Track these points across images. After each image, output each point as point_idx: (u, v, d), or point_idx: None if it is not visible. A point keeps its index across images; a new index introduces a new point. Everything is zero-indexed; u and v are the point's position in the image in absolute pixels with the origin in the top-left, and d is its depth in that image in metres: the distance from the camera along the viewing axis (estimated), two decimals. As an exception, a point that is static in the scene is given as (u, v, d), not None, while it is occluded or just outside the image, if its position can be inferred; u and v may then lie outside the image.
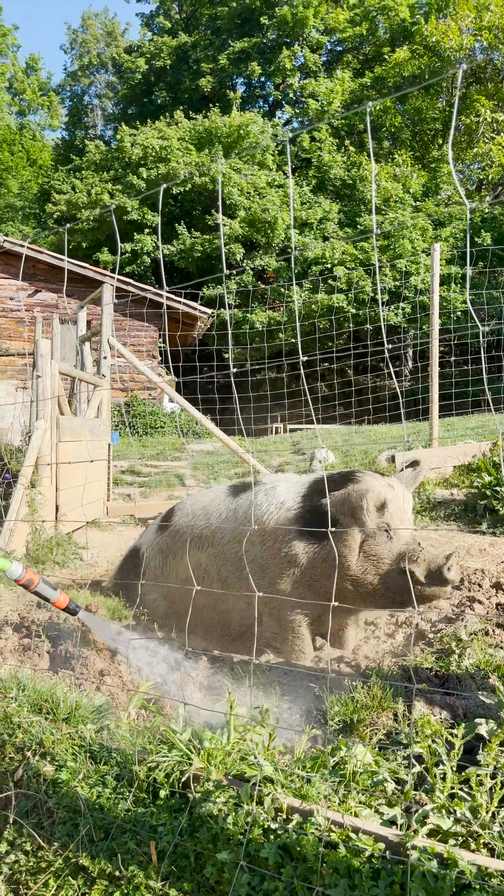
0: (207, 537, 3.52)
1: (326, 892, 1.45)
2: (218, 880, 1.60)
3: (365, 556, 3.05)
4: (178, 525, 3.75)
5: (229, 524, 3.48)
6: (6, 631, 3.66)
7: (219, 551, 3.44)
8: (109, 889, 1.71)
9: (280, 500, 3.35)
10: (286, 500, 3.34)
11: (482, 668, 2.75)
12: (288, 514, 3.28)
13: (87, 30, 43.17)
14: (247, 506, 3.45)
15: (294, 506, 3.28)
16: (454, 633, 3.26)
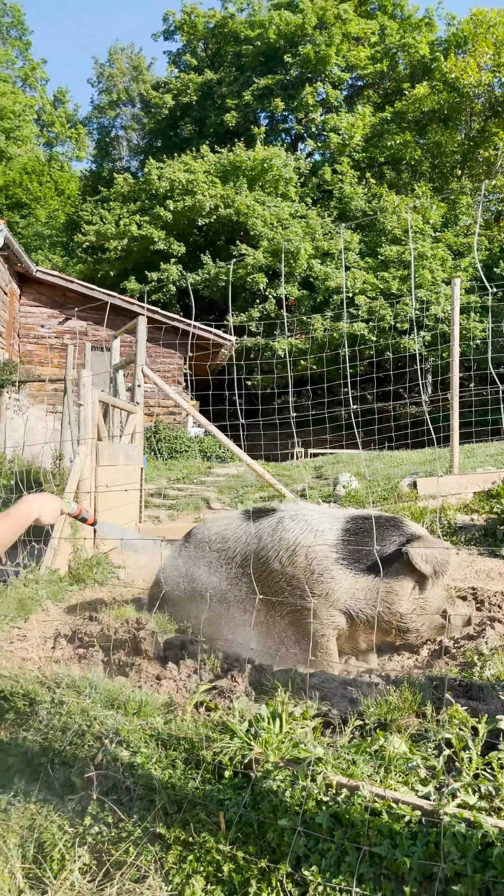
0: (228, 560, 3.81)
1: (373, 850, 1.75)
2: (279, 843, 1.90)
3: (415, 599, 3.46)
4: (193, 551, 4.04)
5: (251, 545, 3.78)
6: (61, 642, 3.98)
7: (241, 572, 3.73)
8: (184, 853, 2.02)
9: (315, 527, 3.66)
10: (323, 529, 3.64)
11: (502, 678, 3.03)
12: (326, 542, 3.60)
13: (113, 64, 44.49)
14: (271, 530, 3.75)
15: (334, 537, 3.59)
16: (476, 648, 3.54)
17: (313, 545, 3.53)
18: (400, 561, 3.35)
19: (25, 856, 2.26)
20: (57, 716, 2.59)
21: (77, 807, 2.30)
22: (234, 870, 1.91)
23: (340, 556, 3.38)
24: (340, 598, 3.48)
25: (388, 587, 3.28)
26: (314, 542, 3.56)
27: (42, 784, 2.42)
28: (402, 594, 3.34)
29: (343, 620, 3.55)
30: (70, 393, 13.27)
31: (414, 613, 3.38)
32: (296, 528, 3.64)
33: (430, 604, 3.43)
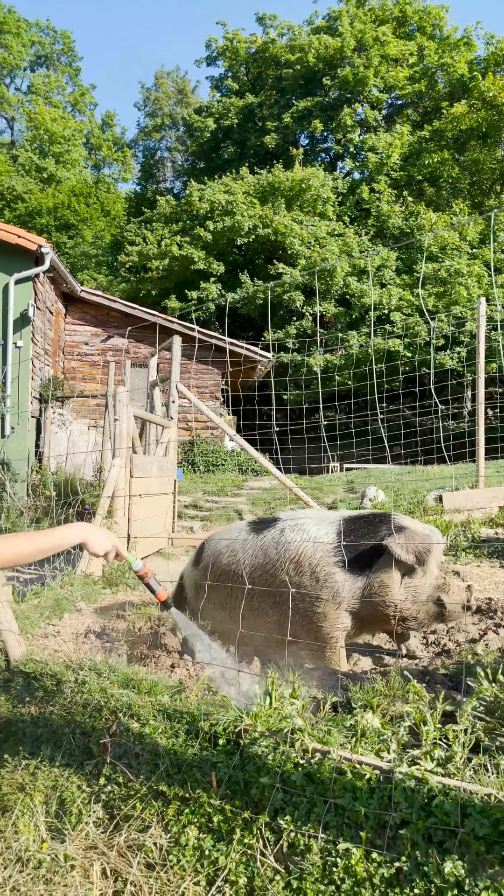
0: (237, 572, 4.09)
1: (337, 802, 2.04)
2: (260, 798, 2.20)
3: (405, 588, 3.68)
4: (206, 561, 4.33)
5: (259, 558, 4.06)
6: (90, 637, 4.34)
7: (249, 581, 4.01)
8: (181, 807, 2.34)
9: (313, 535, 3.93)
10: (321, 535, 3.91)
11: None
12: (325, 547, 3.87)
13: (159, 88, 45.74)
14: (275, 542, 4.01)
15: (330, 541, 3.86)
16: (471, 649, 3.79)
17: (315, 552, 3.80)
18: (387, 554, 3.59)
19: (49, 811, 2.60)
20: (79, 693, 2.94)
21: (94, 770, 2.64)
22: (222, 820, 2.22)
23: (339, 559, 3.64)
24: (346, 599, 3.75)
25: (379, 580, 3.54)
26: (315, 549, 3.83)
27: (65, 751, 2.77)
28: (392, 585, 3.58)
29: (349, 620, 3.82)
30: (111, 408, 13.77)
31: (407, 601, 3.62)
32: (297, 538, 3.91)
33: (422, 591, 3.65)
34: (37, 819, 2.58)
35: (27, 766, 2.78)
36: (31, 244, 13.25)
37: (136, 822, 2.39)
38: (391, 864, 1.89)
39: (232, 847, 2.14)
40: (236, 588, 3.89)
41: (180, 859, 2.20)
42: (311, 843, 2.02)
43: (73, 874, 2.31)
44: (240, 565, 3.93)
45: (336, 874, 1.94)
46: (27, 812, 2.60)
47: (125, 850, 2.33)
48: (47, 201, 34.54)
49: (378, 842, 1.96)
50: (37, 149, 38.65)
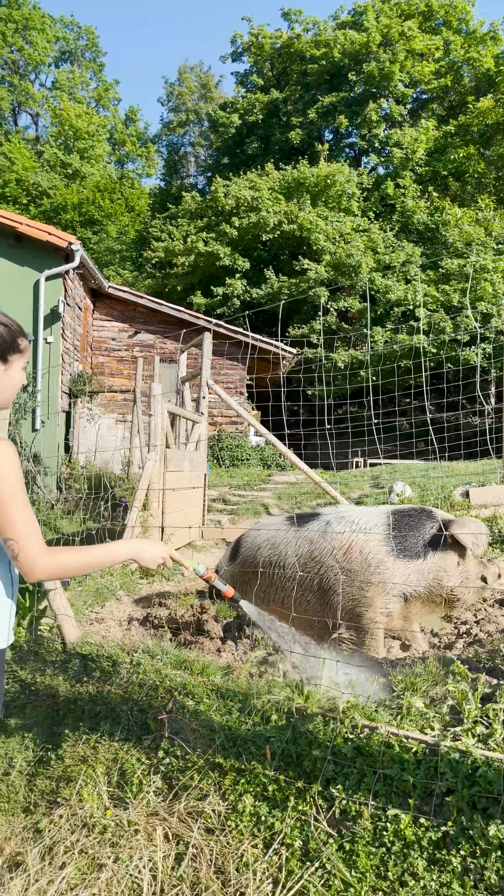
0: (279, 563, 4.28)
1: (386, 772, 2.21)
2: (312, 769, 2.38)
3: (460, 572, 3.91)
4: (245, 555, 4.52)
5: (303, 548, 4.24)
6: (134, 625, 4.55)
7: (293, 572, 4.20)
8: (237, 778, 2.52)
9: (363, 526, 4.12)
10: (370, 526, 4.11)
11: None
12: (377, 537, 4.05)
13: (182, 83, 45.84)
14: (320, 532, 4.21)
15: (382, 532, 4.05)
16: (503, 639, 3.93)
17: (367, 541, 3.99)
18: (442, 543, 3.82)
19: (110, 782, 2.80)
20: (135, 674, 3.13)
21: (152, 744, 2.83)
22: (276, 789, 2.40)
23: (390, 547, 3.84)
24: (396, 585, 3.94)
25: (436, 566, 3.75)
26: (366, 538, 4.02)
27: (123, 727, 2.96)
28: (449, 570, 3.79)
29: (396, 605, 4.00)
30: (139, 403, 14.02)
31: (461, 585, 3.83)
32: (345, 529, 4.10)
33: (471, 573, 3.89)
34: (99, 788, 2.77)
35: (88, 741, 2.98)
36: (62, 241, 13.50)
37: (194, 792, 2.57)
38: (438, 828, 2.06)
39: (287, 813, 2.32)
40: (278, 578, 4.07)
41: (238, 824, 2.38)
42: (361, 810, 2.19)
43: (138, 838, 2.50)
44: (282, 557, 4.11)
45: (386, 837, 2.11)
46: (90, 782, 2.80)
47: (185, 817, 2.51)
48: (72, 197, 34.87)
49: (425, 808, 2.12)
50: (61, 144, 38.98)
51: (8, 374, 1.92)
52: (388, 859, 2.07)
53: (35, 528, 1.79)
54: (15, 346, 1.92)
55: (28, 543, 1.78)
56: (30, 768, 3.08)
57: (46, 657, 3.57)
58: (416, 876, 2.00)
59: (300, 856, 2.22)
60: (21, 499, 1.79)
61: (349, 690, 2.74)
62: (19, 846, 2.70)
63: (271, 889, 2.17)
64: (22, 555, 1.78)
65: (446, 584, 3.89)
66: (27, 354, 1.98)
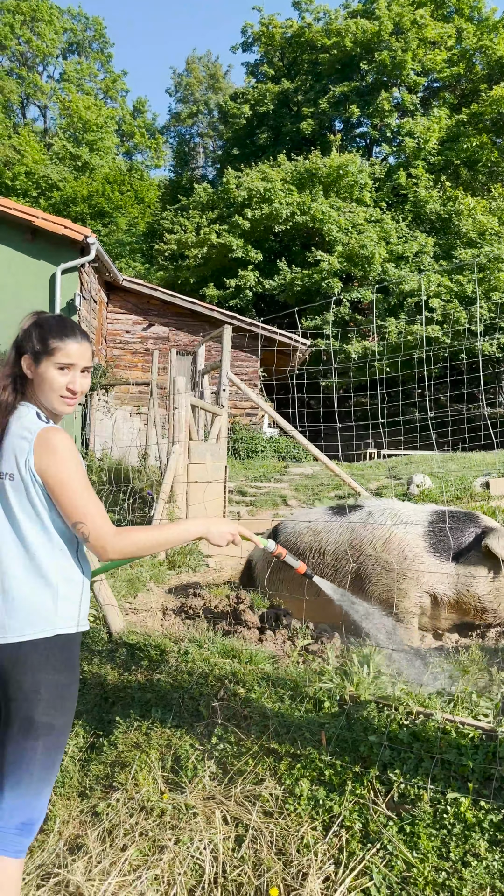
0: (319, 549, 4.35)
1: (444, 757, 2.27)
2: (368, 755, 2.44)
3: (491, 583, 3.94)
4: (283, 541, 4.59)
5: (344, 535, 4.32)
6: (169, 614, 4.62)
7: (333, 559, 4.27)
8: (293, 763, 2.58)
9: (405, 520, 4.19)
10: (412, 521, 4.17)
11: None
12: (416, 531, 4.11)
13: (190, 73, 45.67)
14: (362, 522, 4.28)
15: (422, 528, 4.10)
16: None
17: (406, 535, 4.05)
18: (477, 549, 3.84)
19: (164, 767, 2.87)
20: (184, 662, 3.20)
21: (204, 730, 2.90)
22: (333, 774, 2.47)
23: (429, 544, 3.89)
24: (429, 581, 3.99)
25: (467, 572, 3.78)
26: (406, 532, 4.09)
27: (174, 714, 3.03)
28: (479, 578, 3.83)
29: (428, 601, 4.06)
30: (155, 395, 14.09)
31: (490, 595, 3.86)
32: (388, 520, 4.17)
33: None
34: (154, 773, 2.85)
35: (140, 727, 3.05)
36: (78, 235, 13.54)
37: (249, 776, 2.64)
38: (498, 811, 2.12)
39: (345, 797, 2.39)
40: (317, 564, 4.13)
41: (296, 808, 2.45)
42: (420, 793, 2.25)
43: (196, 821, 2.57)
44: (323, 544, 4.17)
45: (447, 820, 2.17)
46: (144, 767, 2.88)
47: (242, 800, 2.58)
48: (82, 189, 34.84)
49: (484, 792, 2.18)
50: (70, 136, 38.92)
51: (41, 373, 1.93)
52: (450, 841, 2.14)
53: (101, 509, 1.83)
54: (46, 346, 1.91)
55: (98, 524, 1.82)
56: (82, 754, 3.16)
57: (92, 647, 3.64)
58: (478, 856, 2.07)
59: (360, 837, 2.29)
60: (84, 482, 1.83)
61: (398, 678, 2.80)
62: (78, 829, 2.78)
63: (333, 869, 2.24)
64: (93, 535, 1.81)
65: (475, 591, 3.93)
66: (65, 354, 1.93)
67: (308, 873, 2.26)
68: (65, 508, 1.83)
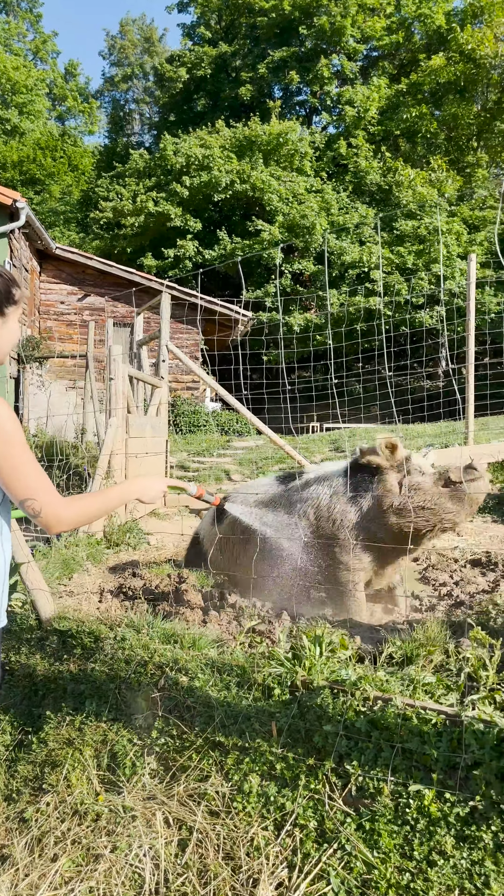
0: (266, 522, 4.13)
1: (405, 746, 2.09)
2: (323, 745, 2.24)
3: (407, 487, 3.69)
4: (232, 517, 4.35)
5: (286, 508, 4.11)
6: (107, 596, 4.34)
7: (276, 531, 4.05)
8: (241, 757, 2.37)
9: (328, 479, 4.00)
10: (332, 478, 3.99)
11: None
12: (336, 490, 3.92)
13: (125, 36, 44.13)
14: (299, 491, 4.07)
15: (338, 483, 3.92)
16: (491, 599, 3.86)
17: (329, 495, 3.85)
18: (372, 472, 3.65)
19: (100, 765, 2.62)
20: (120, 650, 2.94)
21: (144, 724, 2.66)
22: (285, 767, 2.26)
23: (347, 495, 3.69)
24: (360, 535, 3.77)
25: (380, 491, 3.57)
26: (329, 492, 3.89)
27: (111, 706, 2.78)
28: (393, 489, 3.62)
29: (368, 558, 3.85)
30: (92, 368, 13.59)
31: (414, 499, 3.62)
32: (316, 484, 3.97)
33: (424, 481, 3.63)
34: (88, 773, 2.60)
35: (72, 722, 2.79)
36: (6, 199, 12.85)
37: (193, 773, 2.42)
38: (465, 803, 1.95)
39: (298, 792, 2.18)
40: (264, 539, 3.91)
41: (245, 806, 2.24)
42: (381, 786, 2.07)
43: (135, 824, 2.33)
44: (268, 516, 3.96)
45: (409, 814, 1.99)
46: (78, 766, 2.62)
47: (186, 800, 2.36)
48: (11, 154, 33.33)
49: (449, 783, 2.01)
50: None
51: (7, 326, 1.81)
52: (413, 838, 1.96)
53: (48, 481, 1.75)
54: (10, 296, 1.79)
55: (48, 498, 1.75)
56: (9, 753, 2.88)
57: (21, 635, 3.35)
58: (444, 854, 1.89)
59: (316, 837, 2.09)
60: (30, 456, 1.75)
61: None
62: (4, 838, 2.51)
63: (287, 874, 2.04)
64: (45, 511, 1.74)
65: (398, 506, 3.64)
66: (21, 305, 1.85)
67: (259, 879, 2.05)
68: (11, 485, 1.72)
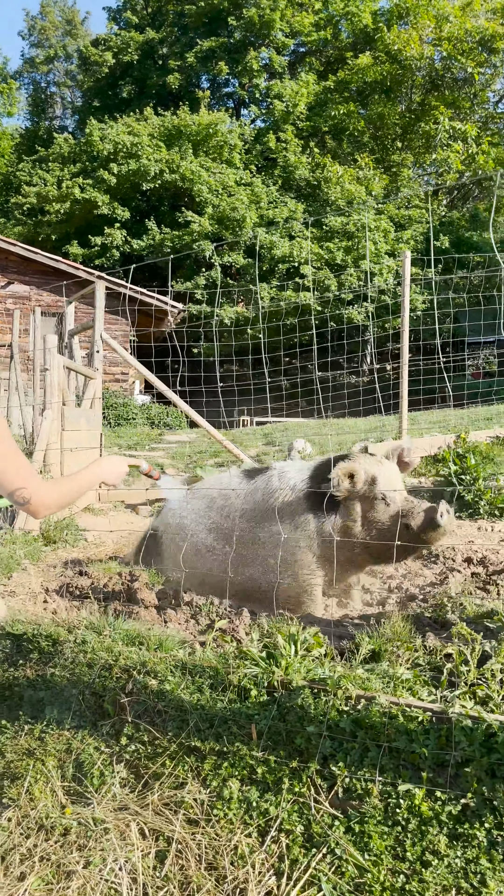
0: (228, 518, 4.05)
1: (392, 745, 2.06)
2: (306, 747, 2.19)
3: (367, 521, 3.67)
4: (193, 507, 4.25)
5: (248, 505, 4.04)
6: (52, 596, 4.16)
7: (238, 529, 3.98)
8: (219, 761, 2.29)
9: (292, 483, 3.94)
10: (297, 482, 3.93)
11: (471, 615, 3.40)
12: (299, 494, 3.88)
13: (45, 17, 42.71)
14: (263, 489, 4.01)
15: (303, 487, 3.87)
16: (445, 592, 3.91)
17: (292, 500, 3.80)
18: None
19: (65, 775, 2.49)
20: (82, 653, 2.80)
21: (111, 730, 2.54)
22: (266, 771, 2.20)
23: (310, 503, 3.65)
24: (320, 542, 3.75)
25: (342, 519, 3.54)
26: (292, 496, 3.84)
27: (74, 713, 2.64)
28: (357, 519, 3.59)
29: (324, 568, 3.85)
30: (17, 359, 13.11)
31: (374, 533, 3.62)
32: (280, 485, 3.91)
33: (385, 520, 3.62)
34: (52, 784, 2.46)
35: (32, 731, 2.64)
36: None
37: (168, 780, 2.32)
38: (457, 801, 1.93)
39: (282, 797, 2.12)
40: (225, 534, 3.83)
41: (226, 813, 2.16)
42: (369, 787, 2.03)
43: (108, 837, 2.22)
44: (230, 510, 3.87)
45: (400, 815, 1.96)
46: (40, 778, 2.48)
47: (161, 809, 2.26)
48: None
49: (439, 781, 1.99)
50: None
51: None
52: (405, 838, 1.93)
53: (34, 469, 1.79)
54: None
55: (36, 485, 1.74)
56: (-39, 767, 2.70)
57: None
58: (437, 854, 1.87)
59: (303, 842, 2.04)
60: (16, 446, 1.72)
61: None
62: (-38, 859, 2.35)
63: (275, 882, 1.98)
64: (34, 499, 1.74)
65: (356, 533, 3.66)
66: None
67: (246, 889, 1.98)
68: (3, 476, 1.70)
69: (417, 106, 24.39)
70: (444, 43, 22.85)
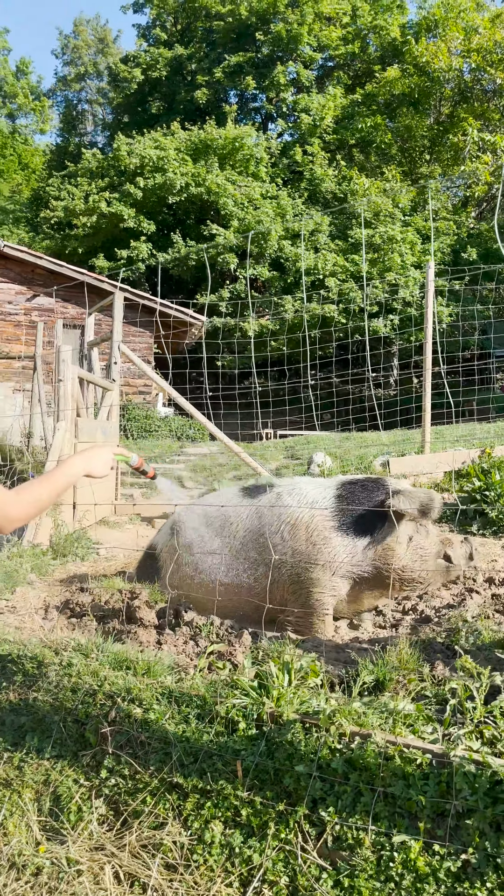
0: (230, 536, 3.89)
1: (387, 790, 1.87)
2: (295, 788, 2.01)
3: (412, 550, 3.59)
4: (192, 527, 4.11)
5: (253, 522, 3.88)
6: (52, 612, 4.03)
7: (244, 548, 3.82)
8: (201, 801, 2.11)
9: (311, 499, 3.77)
10: (318, 499, 3.76)
11: (487, 641, 3.18)
12: (323, 512, 3.72)
13: (78, 35, 43.47)
14: (269, 505, 3.85)
15: (329, 505, 3.71)
16: (460, 615, 3.70)
17: (311, 518, 3.64)
18: (392, 517, 3.49)
19: (42, 809, 2.33)
20: (66, 677, 2.66)
21: (91, 761, 2.38)
22: (252, 813, 2.02)
23: (336, 523, 3.49)
24: (343, 565, 3.60)
25: (384, 544, 3.42)
26: (312, 514, 3.68)
27: (55, 741, 2.49)
28: (397, 548, 3.48)
29: (344, 587, 3.68)
30: (40, 370, 13.12)
31: (414, 562, 3.53)
32: (293, 502, 3.74)
33: (428, 549, 3.59)
34: (28, 818, 2.31)
35: (10, 760, 2.49)
36: (-48, 192, 12.31)
37: (147, 819, 2.16)
38: (456, 856, 1.74)
39: (267, 843, 1.94)
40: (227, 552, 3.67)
41: (206, 859, 1.99)
42: (360, 836, 1.84)
43: (81, 880, 2.06)
44: (233, 528, 3.71)
45: (393, 869, 1.77)
46: (16, 811, 2.33)
47: (139, 851, 2.09)
48: (-40, 151, 32.42)
49: (438, 832, 1.80)
50: None
51: None
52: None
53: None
54: None
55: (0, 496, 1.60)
56: None
57: (-47, 660, 3.02)
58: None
59: (288, 895, 1.85)
60: None
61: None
62: None
63: (255, 939, 1.80)
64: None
65: (395, 563, 3.60)
66: None
67: None
68: None
69: (446, 118, 24.18)
70: (473, 54, 22.63)
